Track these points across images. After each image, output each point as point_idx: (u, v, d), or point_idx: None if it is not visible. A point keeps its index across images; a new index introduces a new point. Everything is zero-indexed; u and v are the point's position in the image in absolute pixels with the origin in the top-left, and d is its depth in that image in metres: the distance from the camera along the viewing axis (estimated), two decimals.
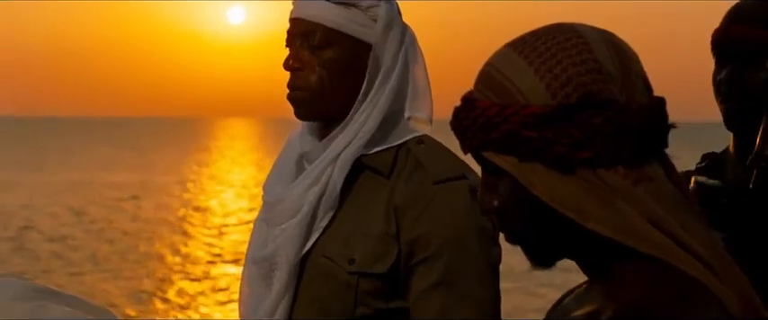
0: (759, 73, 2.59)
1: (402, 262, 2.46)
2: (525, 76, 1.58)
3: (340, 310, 2.48)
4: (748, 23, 2.61)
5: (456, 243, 2.42)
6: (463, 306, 2.44)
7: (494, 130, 1.58)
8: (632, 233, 1.56)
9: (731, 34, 2.62)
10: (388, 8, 2.51)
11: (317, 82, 2.48)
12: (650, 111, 1.60)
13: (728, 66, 2.62)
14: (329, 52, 2.48)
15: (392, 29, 2.50)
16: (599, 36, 1.62)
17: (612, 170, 1.57)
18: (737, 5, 2.66)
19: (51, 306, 2.31)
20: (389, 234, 2.45)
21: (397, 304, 2.48)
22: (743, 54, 2.61)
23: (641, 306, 1.54)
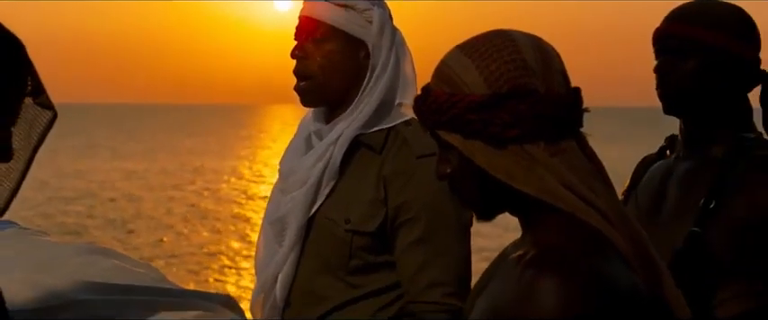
0: (687, 64, 2.82)
1: (389, 223, 2.91)
2: (469, 72, 2.00)
3: (338, 262, 2.94)
4: (679, 22, 2.85)
5: (433, 207, 2.86)
6: (439, 259, 2.87)
7: (444, 114, 2.00)
8: (550, 193, 1.97)
9: (664, 30, 2.87)
10: (381, 12, 2.97)
11: (317, 69, 2.95)
12: (566, 99, 2.01)
13: (662, 59, 2.86)
14: (329, 45, 2.94)
15: (385, 31, 2.95)
16: (527, 40, 2.03)
17: (535, 145, 1.98)
18: (675, 7, 2.89)
19: (101, 259, 2.82)
20: (379, 199, 2.91)
21: (385, 258, 2.93)
22: (673, 48, 2.84)
23: (555, 247, 1.96)
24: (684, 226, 2.78)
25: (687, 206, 2.80)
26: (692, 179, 2.83)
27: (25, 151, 2.31)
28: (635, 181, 3.04)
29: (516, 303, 1.92)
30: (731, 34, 2.81)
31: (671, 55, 2.85)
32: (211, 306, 2.69)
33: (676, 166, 2.90)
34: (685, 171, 2.86)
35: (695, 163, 2.85)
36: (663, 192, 2.89)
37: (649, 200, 2.91)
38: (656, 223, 2.84)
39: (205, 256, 17.98)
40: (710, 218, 2.74)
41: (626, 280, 1.96)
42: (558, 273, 1.91)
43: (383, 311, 2.94)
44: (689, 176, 2.84)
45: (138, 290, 2.70)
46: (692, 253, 2.74)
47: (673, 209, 2.84)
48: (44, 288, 2.60)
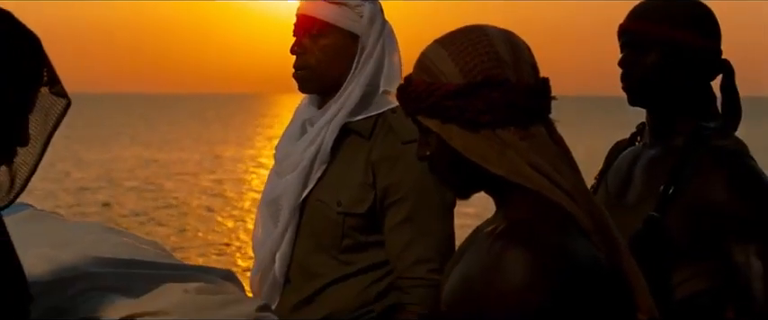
0: (648, 58, 2.93)
1: (377, 205, 3.10)
2: (446, 63, 2.17)
3: (331, 242, 3.14)
4: (639, 18, 2.95)
5: (418, 189, 3.05)
6: (424, 237, 3.07)
7: (423, 101, 2.17)
8: (519, 174, 2.14)
9: (626, 26, 2.97)
10: (372, 7, 3.17)
11: (314, 62, 3.15)
12: (535, 88, 2.18)
13: (625, 53, 2.97)
14: (324, 40, 3.15)
15: (374, 23, 3.16)
16: (500, 34, 2.20)
17: (506, 129, 2.14)
18: (637, 4, 3.00)
19: (111, 236, 3.02)
20: (368, 183, 3.10)
21: (375, 237, 3.13)
22: (635, 43, 2.95)
23: (523, 222, 2.13)
24: (646, 210, 2.88)
25: (649, 191, 2.91)
26: (655, 166, 2.94)
27: (41, 136, 2.51)
28: (607, 165, 3.16)
29: (485, 272, 2.08)
30: (689, 28, 2.91)
31: (633, 49, 2.96)
32: (213, 279, 2.88)
33: (643, 153, 3.02)
34: (649, 158, 2.97)
35: (659, 151, 2.97)
36: (630, 177, 3.01)
37: (617, 185, 3.03)
38: (623, 206, 2.95)
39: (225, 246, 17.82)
40: (669, 204, 2.85)
41: (587, 253, 2.11)
42: (524, 245, 2.07)
43: (374, 286, 3.13)
44: (652, 163, 2.95)
45: (145, 264, 2.88)
46: (650, 235, 2.85)
47: (637, 194, 2.95)
48: (59, 263, 2.78)
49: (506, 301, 2.06)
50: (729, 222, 2.79)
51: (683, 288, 2.85)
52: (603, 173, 3.14)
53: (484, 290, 2.09)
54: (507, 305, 2.06)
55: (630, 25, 2.98)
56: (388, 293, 3.13)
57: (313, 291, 3.17)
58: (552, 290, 2.05)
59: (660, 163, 2.94)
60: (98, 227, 3.17)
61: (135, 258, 2.92)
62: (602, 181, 3.12)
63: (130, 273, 2.82)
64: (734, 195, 2.79)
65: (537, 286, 2.05)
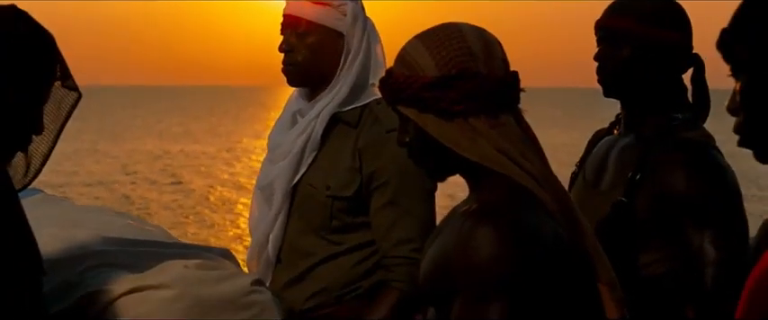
0: (621, 53, 3.04)
1: (363, 188, 3.28)
2: (423, 57, 2.34)
3: (320, 223, 3.32)
4: (614, 14, 3.07)
5: (401, 174, 3.22)
6: (407, 219, 3.25)
7: (402, 92, 2.35)
8: (489, 159, 2.31)
9: (601, 22, 3.09)
10: (354, 6, 3.35)
11: (302, 60, 3.33)
12: (505, 80, 2.35)
13: (600, 48, 3.08)
14: (310, 38, 3.33)
15: (357, 21, 3.34)
16: (473, 31, 2.37)
17: (478, 118, 2.31)
18: (614, 0, 3.12)
19: (118, 218, 3.23)
20: (354, 168, 3.28)
21: (362, 218, 3.31)
22: (610, 38, 3.06)
23: (492, 202, 2.29)
24: (617, 195, 3.01)
25: (620, 178, 3.03)
26: (627, 155, 3.06)
27: (54, 126, 2.72)
28: (586, 153, 3.28)
29: (458, 248, 2.25)
30: (661, 24, 3.02)
31: (607, 44, 3.08)
32: (212, 256, 3.06)
33: (617, 143, 3.13)
34: (622, 147, 3.09)
35: (631, 140, 3.08)
36: (604, 165, 3.13)
37: (593, 172, 3.15)
38: (597, 191, 3.08)
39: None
40: (636, 190, 2.97)
41: (550, 232, 2.28)
42: (493, 224, 2.23)
43: (361, 264, 3.31)
44: (624, 152, 3.07)
45: (149, 243, 3.06)
46: (618, 219, 2.99)
47: (610, 181, 3.07)
48: (70, 242, 2.95)
49: (477, 274, 2.21)
50: (689, 209, 2.90)
51: (649, 269, 2.97)
52: (583, 161, 3.27)
53: (457, 265, 2.25)
54: (478, 277, 2.21)
55: (605, 21, 3.09)
56: (374, 271, 3.31)
57: (304, 269, 3.35)
58: (519, 264, 2.21)
59: (631, 152, 3.06)
60: (105, 211, 3.38)
61: (139, 238, 3.09)
62: (581, 168, 3.24)
63: (135, 251, 2.98)
64: (694, 184, 2.90)
65: (505, 260, 2.20)
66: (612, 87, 3.11)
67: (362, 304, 3.30)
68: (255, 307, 2.91)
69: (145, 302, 2.81)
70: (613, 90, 3.11)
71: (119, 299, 2.81)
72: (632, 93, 3.09)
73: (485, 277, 2.22)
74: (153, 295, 2.82)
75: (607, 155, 3.15)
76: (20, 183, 2.70)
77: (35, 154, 2.71)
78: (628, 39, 3.05)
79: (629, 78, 3.07)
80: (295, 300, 3.34)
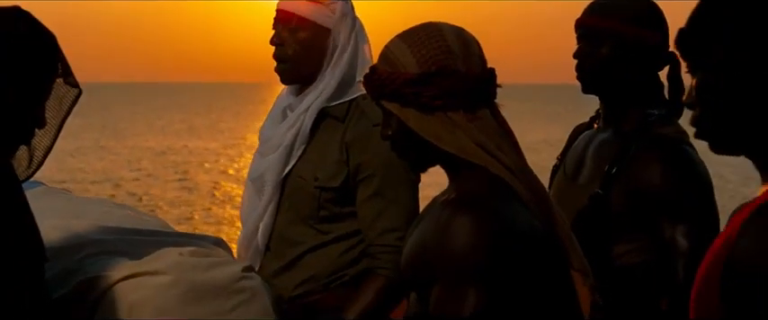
0: (600, 51, 3.12)
1: (350, 180, 3.38)
2: (405, 55, 2.45)
3: (309, 213, 3.43)
4: (593, 13, 3.16)
5: (386, 166, 3.32)
6: (392, 209, 3.35)
7: (386, 88, 2.46)
8: (466, 151, 2.42)
9: (581, 21, 3.18)
10: (344, 4, 3.46)
11: (292, 54, 3.43)
12: (482, 77, 2.46)
13: (579, 46, 3.16)
14: (301, 33, 3.43)
15: (346, 19, 3.45)
16: (452, 30, 2.48)
17: (456, 112, 2.42)
18: (593, 1, 3.20)
19: (117, 209, 3.36)
20: (342, 160, 3.38)
21: (348, 209, 3.41)
22: (589, 36, 3.15)
23: (469, 192, 2.40)
24: (594, 188, 3.10)
25: (598, 171, 3.12)
26: (605, 149, 3.14)
27: (56, 121, 2.86)
28: (567, 147, 3.36)
29: (436, 236, 2.36)
30: (638, 23, 3.09)
31: (587, 42, 3.16)
32: (205, 244, 3.17)
33: (596, 137, 3.22)
34: (600, 142, 3.18)
35: (609, 135, 3.17)
36: (583, 159, 3.21)
37: (573, 165, 3.24)
38: (576, 184, 3.18)
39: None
40: (612, 183, 3.05)
41: (524, 220, 2.39)
42: (469, 212, 2.34)
43: (348, 253, 3.42)
44: (602, 146, 3.16)
45: (145, 233, 3.18)
46: (594, 211, 3.07)
47: (588, 174, 3.16)
48: (69, 231, 3.07)
49: (454, 261, 2.32)
50: (662, 203, 2.97)
51: (621, 260, 3.05)
52: (563, 155, 3.36)
53: (435, 252, 2.36)
54: (455, 265, 2.32)
55: (585, 20, 3.18)
56: (361, 259, 3.41)
57: (292, 258, 3.45)
58: (494, 252, 2.31)
59: (609, 146, 3.14)
60: (104, 202, 3.50)
61: (136, 227, 3.20)
62: (562, 161, 3.33)
63: (132, 240, 3.10)
64: (668, 178, 2.98)
65: (481, 248, 2.31)
66: (591, 84, 3.19)
67: (349, 291, 3.39)
68: (246, 292, 3.02)
69: (141, 287, 2.93)
70: (592, 86, 3.20)
71: (116, 285, 2.92)
72: (611, 90, 3.17)
73: (461, 264, 2.32)
74: (149, 280, 2.94)
75: (586, 149, 3.23)
76: (23, 175, 2.83)
77: (38, 147, 2.85)
78: (607, 37, 3.13)
79: (607, 75, 3.15)
80: (284, 287, 3.43)
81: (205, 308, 2.94)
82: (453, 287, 2.33)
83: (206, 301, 2.96)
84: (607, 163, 3.11)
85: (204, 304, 2.95)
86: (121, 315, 2.90)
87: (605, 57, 3.14)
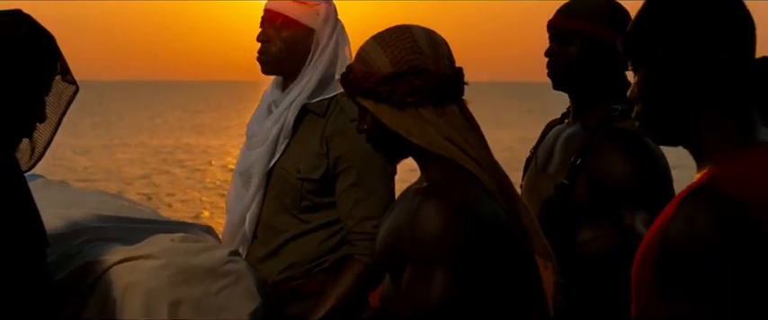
0: (569, 50, 3.26)
1: (330, 172, 3.55)
2: (379, 55, 2.60)
3: (292, 203, 3.59)
4: (564, 15, 3.30)
5: (364, 158, 3.48)
6: (369, 198, 3.51)
7: (361, 86, 2.60)
8: (435, 144, 2.57)
9: (552, 22, 3.31)
10: (327, 6, 3.63)
11: (276, 51, 3.61)
12: (450, 76, 2.61)
13: (550, 45, 3.29)
14: (286, 32, 3.61)
15: (329, 20, 3.62)
16: (423, 32, 2.62)
17: (426, 108, 2.57)
18: (565, 3, 3.34)
19: (112, 200, 3.56)
20: (322, 153, 3.55)
21: (328, 199, 3.58)
22: (559, 36, 3.28)
23: (438, 182, 2.55)
24: (561, 178, 3.23)
25: (565, 163, 3.25)
26: (572, 142, 3.28)
27: (55, 115, 3.05)
28: (539, 140, 3.50)
29: (407, 222, 2.50)
30: (605, 24, 3.22)
31: (558, 42, 3.29)
32: (195, 231, 3.34)
33: (565, 131, 3.36)
34: (568, 135, 3.31)
35: (576, 129, 3.30)
36: (553, 151, 3.34)
37: (544, 157, 3.37)
38: (545, 175, 3.31)
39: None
40: (577, 174, 3.19)
41: (490, 208, 2.53)
42: (438, 200, 2.49)
43: (328, 240, 3.58)
44: (570, 139, 3.29)
45: (139, 221, 3.35)
46: (560, 200, 3.21)
47: (556, 165, 3.29)
48: (68, 219, 3.23)
49: (423, 245, 2.47)
50: (622, 192, 3.11)
51: (587, 246, 3.18)
52: (536, 148, 3.49)
53: (406, 237, 2.51)
54: (424, 248, 2.47)
55: (556, 21, 3.31)
56: (340, 246, 3.58)
57: (277, 245, 3.61)
58: (460, 237, 2.46)
59: (575, 139, 3.28)
60: (100, 193, 3.68)
61: (131, 216, 3.37)
62: (534, 154, 3.47)
63: (127, 227, 3.27)
64: (628, 169, 3.12)
65: (448, 232, 2.46)
66: (561, 81, 3.33)
67: (330, 276, 3.57)
68: (232, 275, 3.18)
69: (135, 270, 3.10)
70: (562, 84, 3.34)
71: (112, 268, 3.09)
72: (579, 87, 3.31)
73: (430, 248, 2.47)
74: (142, 264, 3.11)
75: (555, 143, 3.37)
76: (26, 166, 3.02)
77: (39, 140, 3.04)
78: (575, 37, 3.26)
79: (576, 73, 3.28)
80: (269, 273, 3.59)
81: (194, 289, 3.11)
82: (422, 269, 2.48)
83: (195, 283, 3.12)
84: (573, 155, 3.24)
85: (193, 285, 3.12)
86: (117, 295, 3.06)
87: (574, 56, 3.27)
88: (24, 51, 2.82)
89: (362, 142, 2.80)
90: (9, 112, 2.82)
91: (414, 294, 2.49)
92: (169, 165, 28.73)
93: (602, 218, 3.15)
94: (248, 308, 3.17)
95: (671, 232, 2.04)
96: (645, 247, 2.12)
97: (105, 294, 3.09)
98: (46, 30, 2.88)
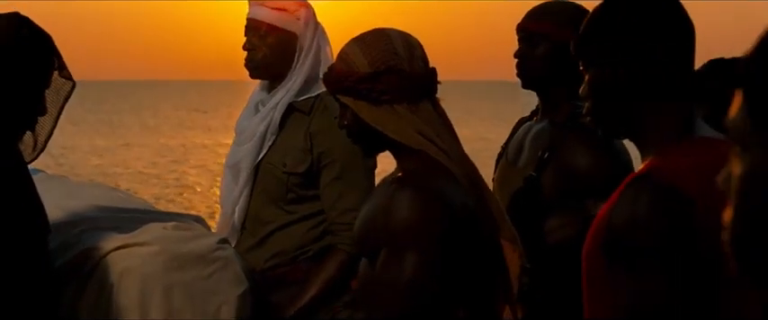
0: (537, 51, 3.39)
1: (314, 166, 3.71)
2: (358, 56, 2.76)
3: (278, 195, 3.76)
4: (531, 18, 3.43)
5: (347, 154, 3.64)
6: (351, 191, 3.67)
7: (341, 84, 2.77)
8: (409, 138, 2.73)
9: (520, 25, 3.44)
10: (307, 12, 3.80)
11: (262, 57, 3.78)
12: (423, 75, 2.78)
13: (519, 47, 3.43)
14: (270, 39, 3.77)
15: (309, 24, 3.78)
16: (399, 35, 2.79)
17: (401, 105, 2.74)
18: (533, 6, 3.47)
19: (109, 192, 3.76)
20: (307, 149, 3.71)
21: (313, 192, 3.75)
22: (528, 38, 3.41)
23: (411, 172, 2.72)
24: (530, 171, 3.37)
25: (534, 157, 3.39)
26: (540, 137, 3.41)
27: (54, 109, 3.26)
28: (510, 136, 3.63)
29: (383, 208, 2.68)
30: (570, 28, 3.21)
31: (526, 44, 3.42)
32: (186, 220, 3.53)
33: (533, 127, 3.49)
34: (537, 131, 3.45)
35: (544, 125, 3.44)
36: (522, 146, 3.48)
37: (514, 152, 3.51)
38: (515, 168, 3.45)
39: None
40: (544, 167, 3.33)
41: (459, 197, 2.70)
42: (410, 189, 2.66)
43: (312, 231, 3.75)
44: (538, 135, 3.43)
45: (134, 211, 3.53)
46: (529, 191, 3.35)
47: (526, 159, 3.43)
48: (67, 210, 3.40)
49: (397, 229, 2.64)
50: (587, 183, 3.25)
51: (553, 235, 3.32)
52: (507, 143, 3.62)
53: (381, 223, 2.68)
54: (397, 233, 2.64)
55: (525, 24, 3.45)
56: (324, 236, 3.75)
57: (264, 235, 3.78)
58: (431, 222, 2.63)
59: (544, 135, 3.41)
60: (98, 185, 3.87)
61: (126, 207, 3.55)
62: (505, 149, 3.61)
63: (123, 217, 3.45)
64: (592, 162, 3.26)
65: (419, 218, 2.63)
66: (530, 81, 3.48)
67: (314, 264, 3.75)
68: (221, 261, 3.37)
69: (131, 256, 3.28)
70: (530, 83, 3.49)
71: (109, 254, 3.28)
72: (546, 86, 3.46)
73: (403, 233, 2.64)
74: (137, 250, 3.29)
75: (525, 138, 3.51)
76: (29, 158, 3.23)
77: (40, 132, 3.26)
78: (543, 40, 3.40)
79: (544, 73, 3.42)
80: (257, 261, 3.75)
81: (186, 274, 3.29)
82: (396, 252, 2.65)
83: (187, 268, 3.31)
84: (541, 149, 3.38)
85: (185, 270, 3.30)
86: (114, 280, 3.24)
87: (541, 58, 3.42)
88: (26, 52, 3.01)
89: (345, 138, 2.93)
90: (12, 107, 3.00)
91: (387, 276, 2.66)
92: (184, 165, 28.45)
93: (567, 208, 3.29)
94: (236, 292, 3.35)
95: (615, 214, 2.25)
96: (594, 228, 2.32)
97: (103, 278, 3.26)
98: (44, 30, 3.07)
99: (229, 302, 3.33)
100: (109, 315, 3.23)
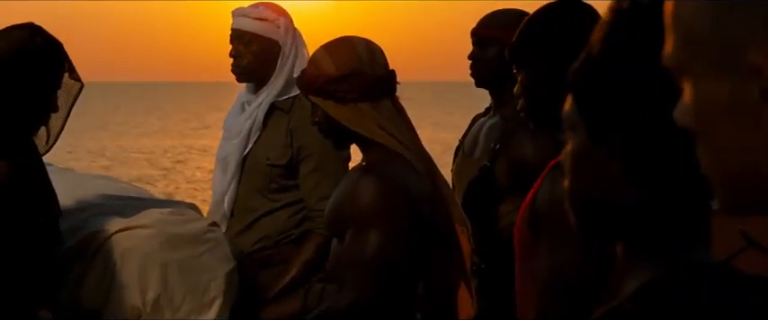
0: (487, 54, 3.65)
1: (294, 159, 4.04)
2: (326, 61, 3.08)
3: (263, 186, 4.11)
4: (483, 24, 3.70)
5: (322, 147, 3.89)
6: (327, 180, 3.98)
7: (312, 85, 3.08)
8: (372, 132, 3.04)
9: (474, 30, 3.70)
10: (285, 21, 4.13)
11: (247, 63, 4.11)
12: (384, 77, 3.09)
13: (472, 50, 3.68)
14: (253, 46, 4.11)
15: (289, 32, 4.12)
16: (362, 42, 3.10)
17: (364, 104, 3.04)
18: (485, 15, 3.72)
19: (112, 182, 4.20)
20: (287, 144, 4.04)
21: (293, 182, 4.08)
22: (480, 42, 3.66)
23: (374, 162, 3.02)
24: (484, 161, 3.61)
25: (487, 149, 3.63)
26: (493, 131, 3.65)
27: (65, 107, 3.64)
28: (467, 131, 3.85)
29: (348, 195, 2.99)
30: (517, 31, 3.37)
31: (479, 47, 3.68)
32: (180, 206, 3.92)
33: (487, 122, 3.72)
34: (490, 125, 3.69)
35: (497, 120, 3.68)
36: (477, 139, 3.71)
37: (470, 144, 3.74)
38: (471, 159, 3.69)
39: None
40: (497, 157, 3.58)
41: (415, 183, 3.01)
42: (373, 176, 2.97)
43: (293, 217, 4.08)
44: (491, 129, 3.67)
45: (135, 199, 3.91)
46: (483, 179, 3.60)
47: (480, 151, 3.66)
48: (74, 197, 3.77)
49: (360, 212, 2.96)
50: (534, 171, 3.27)
51: (504, 219, 3.55)
52: (464, 137, 3.86)
53: (347, 206, 2.99)
54: (361, 215, 2.96)
55: (477, 30, 3.71)
56: (303, 222, 4.08)
57: (250, 222, 4.11)
58: (391, 205, 2.96)
59: (496, 128, 3.66)
60: (102, 177, 4.22)
61: (128, 195, 3.92)
62: (462, 142, 3.85)
63: (124, 204, 3.82)
64: (538, 152, 3.46)
65: (381, 202, 2.95)
66: (482, 81, 3.75)
67: (295, 247, 4.09)
68: (211, 242, 3.76)
69: (132, 237, 3.65)
70: (482, 82, 3.75)
71: (112, 236, 3.65)
72: (497, 85, 3.70)
73: (366, 214, 2.96)
74: (138, 232, 3.66)
75: (479, 132, 3.75)
76: (43, 149, 3.58)
77: (53, 128, 3.65)
78: (492, 43, 3.65)
79: (494, 74, 3.68)
80: (244, 245, 4.08)
81: (180, 253, 3.68)
82: (360, 232, 2.97)
83: (181, 248, 3.69)
84: (494, 141, 3.63)
85: (180, 249, 3.68)
86: (116, 258, 3.61)
87: (492, 59, 3.66)
88: (39, 58, 3.36)
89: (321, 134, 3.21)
90: (28, 106, 3.35)
91: (353, 253, 2.97)
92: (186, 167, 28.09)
93: (518, 194, 3.38)
94: (225, 269, 3.74)
95: (538, 195, 2.60)
96: (522, 208, 2.72)
97: (107, 257, 3.63)
98: (55, 38, 3.41)
99: (218, 278, 3.70)
100: (112, 290, 3.59)
